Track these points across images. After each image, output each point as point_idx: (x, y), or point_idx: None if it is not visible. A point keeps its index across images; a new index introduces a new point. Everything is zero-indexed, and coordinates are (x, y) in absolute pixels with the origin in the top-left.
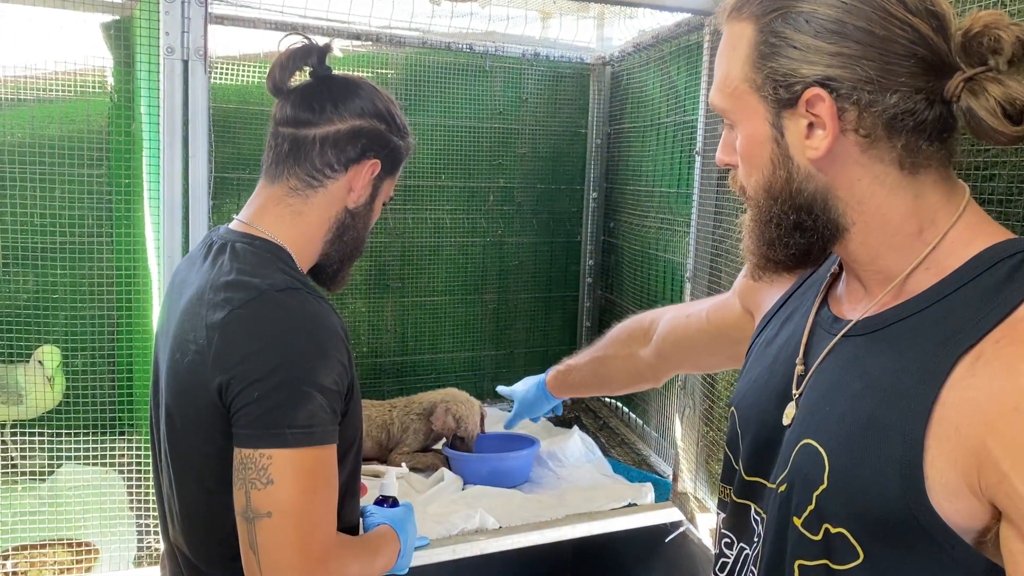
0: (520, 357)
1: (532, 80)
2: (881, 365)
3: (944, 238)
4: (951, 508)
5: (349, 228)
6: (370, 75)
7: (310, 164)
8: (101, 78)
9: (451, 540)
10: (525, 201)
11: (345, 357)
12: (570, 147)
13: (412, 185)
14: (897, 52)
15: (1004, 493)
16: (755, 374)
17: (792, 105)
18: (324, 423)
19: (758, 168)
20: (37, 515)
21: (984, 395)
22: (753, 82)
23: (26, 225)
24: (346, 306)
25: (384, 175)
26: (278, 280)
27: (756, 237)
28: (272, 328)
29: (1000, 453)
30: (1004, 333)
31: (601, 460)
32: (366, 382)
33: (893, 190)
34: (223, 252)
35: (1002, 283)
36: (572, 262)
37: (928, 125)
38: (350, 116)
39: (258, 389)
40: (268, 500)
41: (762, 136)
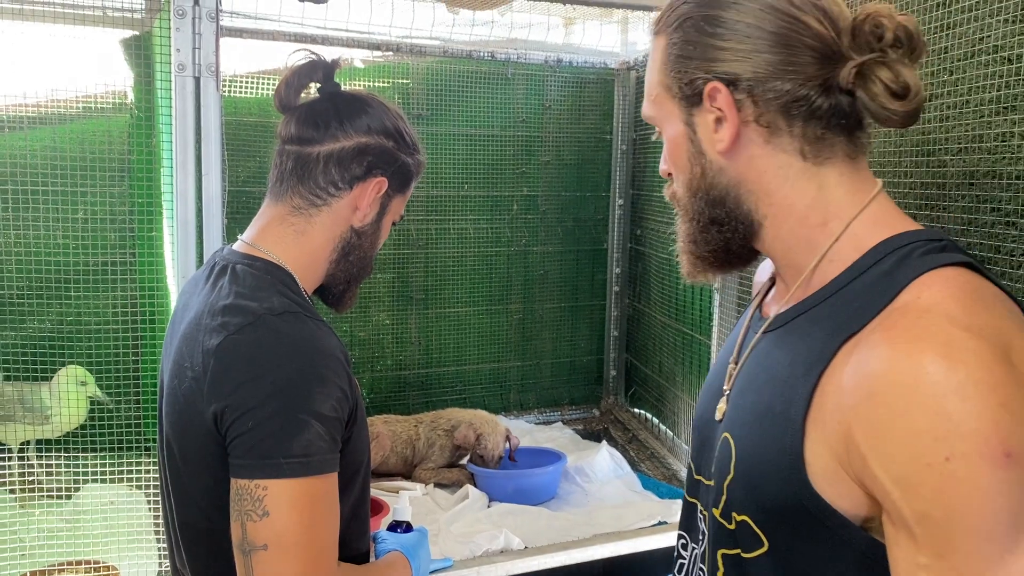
0: (546, 368)
1: (555, 87)
2: (781, 357)
3: (847, 230)
4: (834, 492)
5: (355, 248)
6: (390, 85)
7: (313, 182)
8: (121, 96)
9: (475, 561)
10: (550, 209)
11: (345, 382)
12: (595, 154)
13: (435, 195)
14: (786, 44)
15: (868, 477)
16: (708, 379)
17: (698, 102)
18: (322, 451)
19: (681, 168)
20: (58, 536)
21: (850, 381)
22: (667, 87)
23: (49, 246)
24: (370, 319)
25: (393, 193)
26: (276, 304)
27: (683, 236)
28: (267, 354)
29: (860, 438)
30: (879, 322)
31: (630, 475)
32: (391, 395)
33: (796, 181)
34: (224, 274)
35: (887, 273)
36: (599, 271)
37: (824, 113)
38: (355, 133)
39: (252, 418)
40: (264, 532)
41: (680, 136)
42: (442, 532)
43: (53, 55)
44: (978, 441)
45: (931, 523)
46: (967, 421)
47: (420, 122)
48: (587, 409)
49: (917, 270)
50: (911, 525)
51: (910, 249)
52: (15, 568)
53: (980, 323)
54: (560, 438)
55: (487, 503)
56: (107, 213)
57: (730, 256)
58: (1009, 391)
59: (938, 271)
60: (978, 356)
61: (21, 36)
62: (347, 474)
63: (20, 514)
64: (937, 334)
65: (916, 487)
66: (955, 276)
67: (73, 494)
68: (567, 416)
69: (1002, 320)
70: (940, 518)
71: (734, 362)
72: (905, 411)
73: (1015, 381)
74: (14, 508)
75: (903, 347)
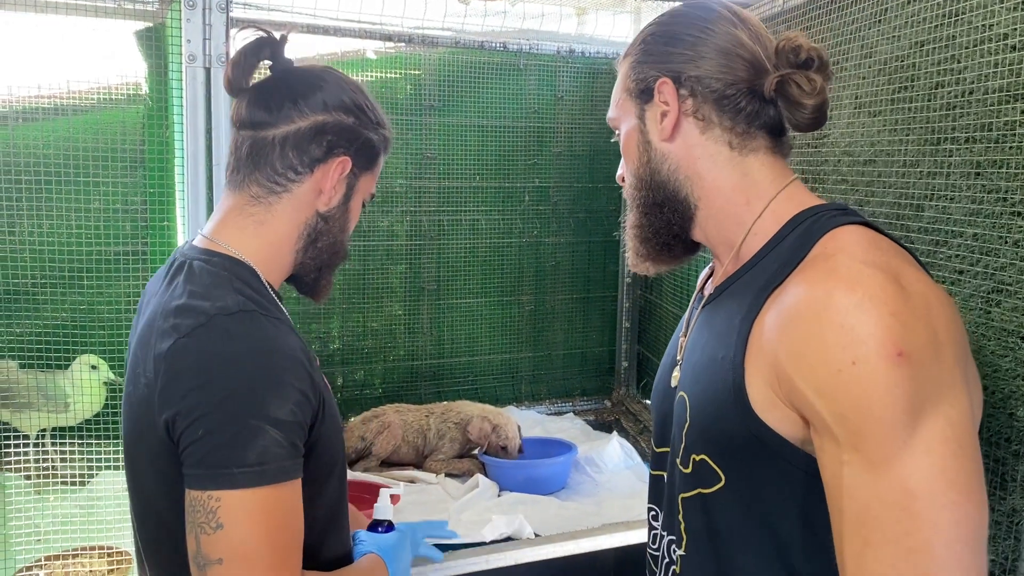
0: (558, 359)
1: (567, 77)
2: (719, 317)
3: (767, 208)
4: (773, 418)
5: (323, 234)
6: (402, 76)
7: (271, 168)
8: (135, 87)
9: (485, 550)
10: (561, 200)
11: (306, 383)
12: (607, 144)
13: (447, 187)
14: (725, 53)
15: (796, 396)
16: (662, 362)
17: (650, 98)
18: (279, 458)
19: (631, 159)
20: (73, 522)
21: (773, 319)
22: (628, 88)
23: (64, 236)
24: (383, 309)
25: (359, 172)
26: (230, 303)
27: (630, 225)
28: (218, 358)
29: (785, 361)
30: (798, 272)
31: (640, 466)
32: (403, 385)
33: (724, 167)
34: (180, 272)
35: (801, 235)
36: (610, 262)
37: (749, 113)
38: (311, 112)
39: (203, 426)
40: (218, 546)
41: (633, 130)
42: (452, 520)
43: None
44: (875, 344)
45: (846, 422)
46: (865, 329)
47: (432, 113)
48: (598, 400)
49: (824, 229)
50: (832, 428)
51: (817, 216)
52: (31, 553)
53: (875, 259)
54: (571, 429)
55: (497, 492)
56: (121, 203)
57: (671, 240)
58: (899, 304)
59: (842, 228)
60: (873, 279)
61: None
62: (320, 476)
63: (36, 500)
64: (841, 269)
65: (832, 392)
66: (855, 230)
67: (88, 481)
68: (578, 407)
69: (893, 257)
70: (852, 415)
71: (684, 335)
72: (818, 330)
73: (904, 297)
74: (30, 494)
75: (815, 284)
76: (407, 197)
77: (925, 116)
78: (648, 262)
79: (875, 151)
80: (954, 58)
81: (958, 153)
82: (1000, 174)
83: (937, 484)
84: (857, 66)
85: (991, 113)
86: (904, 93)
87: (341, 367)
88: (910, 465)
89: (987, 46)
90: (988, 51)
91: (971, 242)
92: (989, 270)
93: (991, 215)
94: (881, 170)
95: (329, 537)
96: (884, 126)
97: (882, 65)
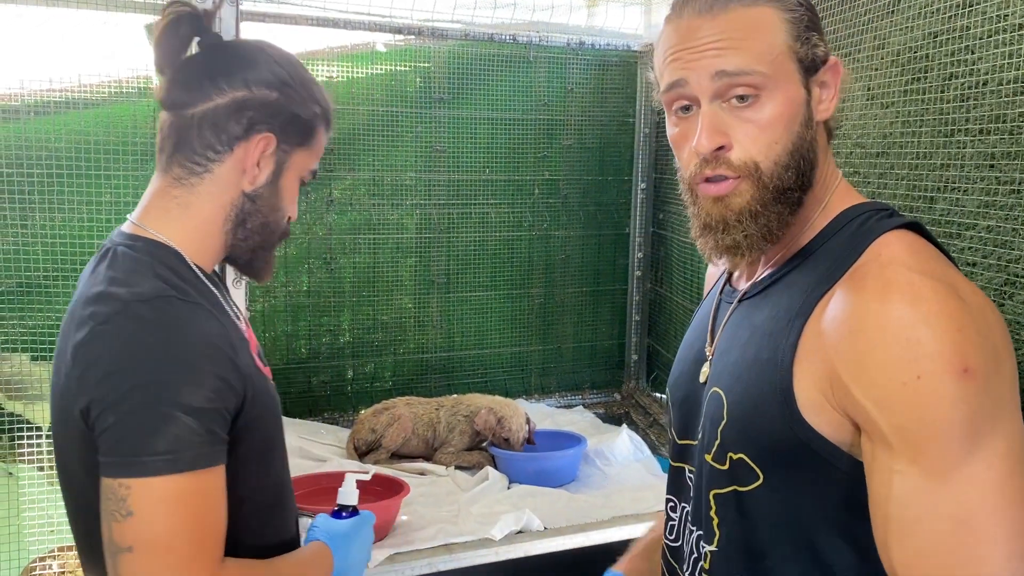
0: (567, 352)
1: (577, 69)
2: (763, 315)
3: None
4: (821, 421)
5: (252, 214)
6: (411, 69)
7: (190, 149)
8: (147, 80)
9: (495, 542)
10: (571, 193)
11: (227, 369)
12: (617, 137)
13: (457, 180)
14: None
15: (851, 404)
16: (680, 354)
17: (814, 71)
18: (194, 446)
19: (784, 131)
20: None
21: (829, 326)
22: (793, 51)
23: (75, 230)
24: (393, 303)
25: (289, 148)
26: (147, 289)
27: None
28: (131, 345)
29: (843, 371)
30: (849, 277)
31: (650, 459)
32: (413, 378)
33: (822, 157)
34: (104, 259)
35: (851, 237)
36: (620, 255)
37: None
38: (231, 89)
39: (114, 413)
40: (128, 533)
41: (798, 99)
42: (462, 512)
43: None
44: (942, 360)
45: (906, 433)
46: (932, 344)
47: (442, 106)
48: (608, 393)
49: (875, 232)
50: (888, 438)
51: (866, 217)
52: (43, 544)
53: (931, 269)
54: (581, 422)
55: (507, 485)
56: (132, 196)
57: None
58: (963, 319)
59: (891, 233)
60: (935, 292)
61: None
62: (261, 461)
63: (49, 491)
64: (900, 280)
65: (893, 404)
66: (904, 236)
67: None
68: (588, 400)
69: (945, 267)
70: (913, 428)
71: (711, 330)
72: (881, 343)
73: (967, 311)
74: (43, 485)
75: (874, 293)
76: (417, 190)
77: (938, 107)
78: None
79: (887, 143)
80: (968, 49)
81: (971, 145)
82: (1014, 166)
83: (997, 499)
84: (869, 57)
85: (1005, 104)
86: (917, 84)
87: (351, 360)
88: (970, 480)
89: (1001, 36)
90: (1002, 42)
91: (984, 234)
92: (1002, 262)
93: (1004, 207)
94: (893, 162)
95: (273, 520)
96: (896, 118)
97: (895, 56)
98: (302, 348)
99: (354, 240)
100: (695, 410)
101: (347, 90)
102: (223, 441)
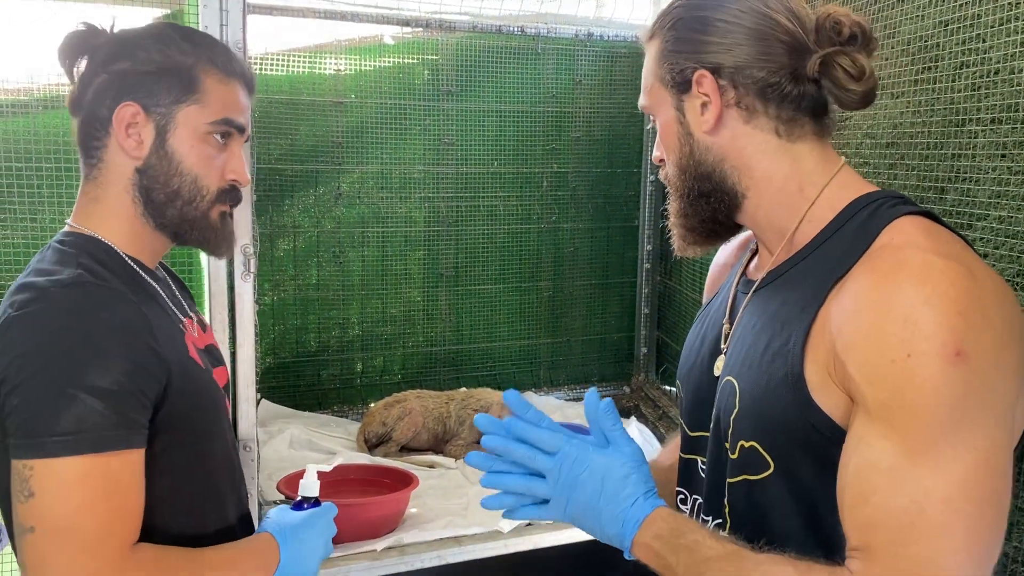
0: (576, 345)
1: (586, 61)
2: (775, 305)
3: (821, 195)
4: (826, 399)
5: (154, 185)
6: (419, 62)
7: (85, 146)
8: None
9: (504, 535)
10: (580, 186)
11: (144, 353)
12: (626, 129)
13: (464, 172)
14: (762, 38)
15: (846, 379)
16: (689, 341)
17: (687, 89)
18: (99, 428)
19: (672, 150)
20: None
21: (837, 309)
22: (660, 78)
23: None
24: (400, 296)
25: (166, 108)
26: (66, 276)
27: (673, 212)
28: (41, 329)
29: (840, 348)
30: (862, 263)
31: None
32: (422, 371)
33: (774, 156)
34: (39, 254)
35: (862, 224)
36: (629, 247)
37: (794, 97)
38: (94, 78)
39: (19, 395)
40: (30, 513)
41: (671, 120)
42: (471, 505)
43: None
44: (936, 342)
45: (885, 409)
46: (929, 325)
47: (450, 98)
48: (618, 386)
49: (887, 219)
50: (870, 410)
51: (877, 204)
52: None
53: (946, 250)
54: None
55: None
56: None
57: (716, 227)
58: (968, 301)
59: (904, 218)
60: (946, 273)
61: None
62: (196, 444)
63: None
64: (913, 260)
65: (881, 380)
66: (918, 221)
67: None
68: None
69: (962, 249)
70: (893, 404)
71: (728, 322)
72: (879, 320)
73: (975, 294)
74: None
75: (885, 276)
76: (425, 183)
77: (949, 97)
78: (695, 246)
79: (897, 133)
80: (979, 37)
81: (983, 134)
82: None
83: (958, 492)
84: (880, 47)
85: (1017, 93)
86: (928, 74)
87: (360, 353)
88: (936, 465)
89: (1013, 24)
90: (1014, 30)
91: (996, 225)
92: (1014, 253)
93: (1017, 197)
94: (904, 152)
95: (209, 506)
96: (907, 108)
97: (905, 45)
98: (311, 341)
99: (363, 233)
100: (707, 402)
101: (355, 83)
102: (140, 425)
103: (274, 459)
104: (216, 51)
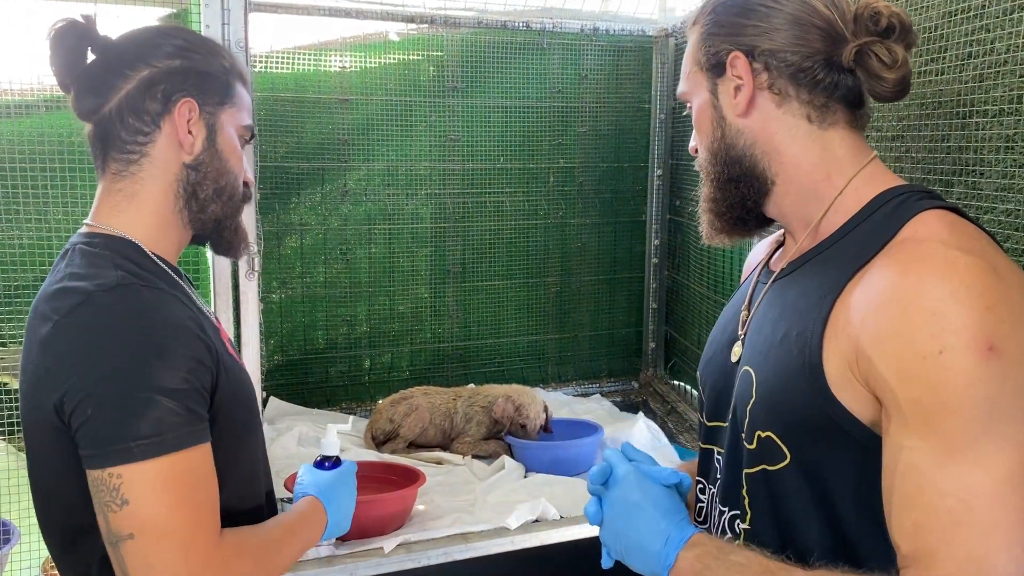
0: (584, 341)
1: (592, 56)
2: (793, 294)
3: (849, 185)
4: (847, 396)
5: (200, 184)
6: (424, 58)
7: (119, 141)
8: None
9: (511, 531)
10: (587, 181)
11: (200, 350)
12: (633, 123)
13: (471, 169)
14: (799, 23)
15: (873, 377)
16: (712, 336)
17: (722, 72)
18: (176, 427)
19: (704, 133)
20: None
21: (859, 300)
22: (698, 62)
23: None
24: (408, 292)
25: (213, 108)
26: (108, 279)
27: (704, 198)
28: (99, 334)
29: (867, 343)
30: (884, 254)
31: (667, 447)
32: (429, 367)
33: (804, 141)
34: (64, 258)
35: (887, 216)
36: (637, 242)
37: (827, 85)
38: (135, 72)
39: (91, 404)
40: (126, 521)
41: (705, 103)
42: (478, 502)
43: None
44: (966, 336)
45: (920, 408)
46: (958, 319)
47: (455, 95)
48: (626, 381)
49: (911, 212)
50: (903, 411)
51: (904, 198)
52: None
53: (969, 246)
54: (598, 410)
55: (524, 474)
56: None
57: (745, 214)
58: (995, 296)
59: (928, 212)
60: (969, 268)
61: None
62: (237, 439)
63: None
64: (935, 255)
65: (912, 377)
66: (943, 215)
67: None
68: (605, 388)
69: (986, 244)
70: (928, 403)
71: (746, 310)
72: (906, 316)
73: (1002, 289)
74: None
75: (907, 268)
76: (431, 180)
77: (955, 89)
78: (723, 235)
79: (903, 126)
80: (985, 28)
81: (989, 127)
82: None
83: (1003, 486)
84: None
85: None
86: (933, 65)
87: (368, 350)
88: (977, 461)
89: (1019, 15)
90: (1020, 20)
91: (1003, 218)
92: (1021, 246)
93: (1022, 190)
94: (909, 145)
95: (249, 494)
96: (912, 100)
97: None
98: (320, 339)
99: (369, 231)
100: (726, 391)
101: (360, 80)
102: (204, 419)
103: (282, 456)
104: (236, 58)
